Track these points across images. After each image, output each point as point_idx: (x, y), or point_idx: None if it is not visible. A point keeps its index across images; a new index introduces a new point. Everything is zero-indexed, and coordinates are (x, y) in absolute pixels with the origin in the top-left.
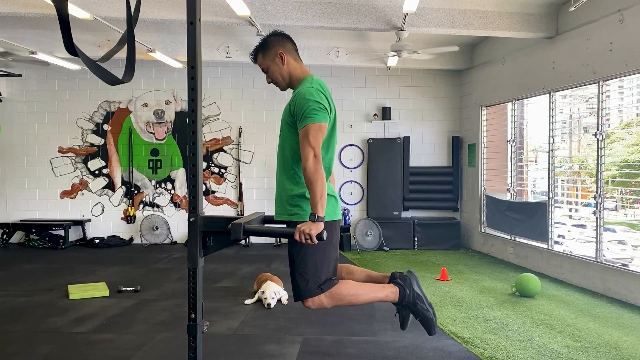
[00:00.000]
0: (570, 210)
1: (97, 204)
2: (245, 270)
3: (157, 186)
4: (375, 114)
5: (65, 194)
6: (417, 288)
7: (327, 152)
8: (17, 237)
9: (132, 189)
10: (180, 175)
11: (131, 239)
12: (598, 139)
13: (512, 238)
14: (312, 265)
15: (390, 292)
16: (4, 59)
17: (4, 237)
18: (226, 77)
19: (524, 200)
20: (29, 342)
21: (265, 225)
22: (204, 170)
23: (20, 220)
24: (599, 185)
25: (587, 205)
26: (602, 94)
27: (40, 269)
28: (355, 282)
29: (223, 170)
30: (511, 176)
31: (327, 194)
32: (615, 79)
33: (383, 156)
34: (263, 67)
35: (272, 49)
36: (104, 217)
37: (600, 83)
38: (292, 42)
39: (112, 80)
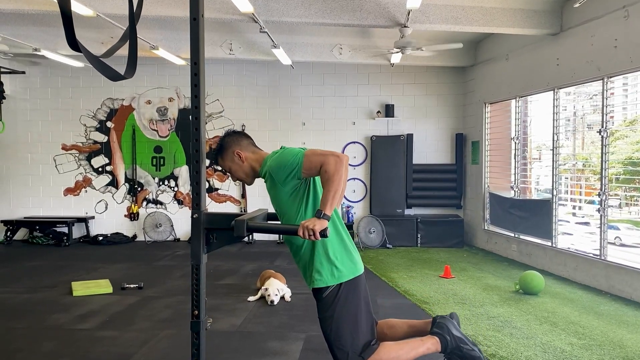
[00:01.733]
0: (574, 207)
1: (100, 201)
2: (248, 267)
3: (161, 183)
4: (378, 111)
5: (68, 191)
6: (456, 332)
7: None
8: (20, 234)
9: (136, 186)
10: (183, 172)
11: (134, 236)
12: (602, 137)
13: (516, 235)
14: (347, 335)
15: (430, 344)
16: (7, 56)
17: (8, 234)
18: (229, 74)
19: (528, 198)
20: (32, 339)
21: (269, 222)
22: (207, 167)
23: (24, 218)
24: (603, 182)
25: (591, 202)
26: (606, 90)
27: (43, 266)
28: (393, 343)
29: None
30: (515, 173)
31: (345, 247)
32: (620, 75)
33: (386, 153)
34: (225, 169)
35: (228, 150)
36: (107, 214)
37: (605, 80)
38: (247, 137)
39: (114, 76)
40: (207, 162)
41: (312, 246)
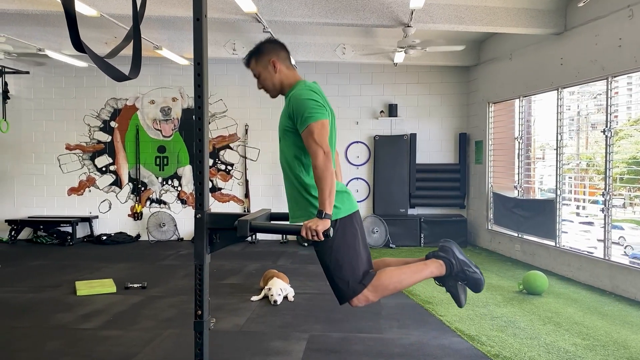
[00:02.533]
0: (577, 207)
1: (104, 201)
2: (251, 267)
3: (164, 183)
4: (381, 111)
5: (72, 190)
6: (460, 255)
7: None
8: (25, 233)
9: (139, 186)
10: (186, 172)
11: (138, 236)
12: (606, 136)
13: (519, 235)
14: (347, 265)
15: (434, 267)
16: (11, 56)
17: (12, 233)
18: (232, 74)
19: (531, 198)
20: (36, 338)
21: (272, 222)
22: (210, 167)
23: (28, 217)
24: (607, 182)
25: (595, 202)
26: (610, 90)
27: (47, 265)
28: (394, 268)
29: (229, 167)
30: (518, 173)
31: (338, 191)
32: (624, 75)
33: (389, 153)
34: (255, 73)
35: (265, 56)
36: (111, 213)
37: (609, 79)
38: (286, 51)
39: (118, 77)
40: (211, 162)
41: (310, 188)
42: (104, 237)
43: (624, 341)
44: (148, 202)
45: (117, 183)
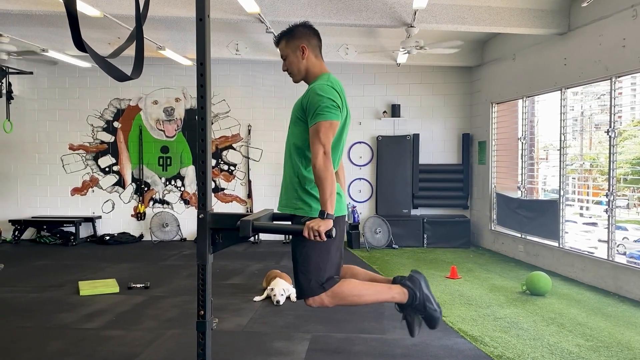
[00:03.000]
0: (581, 208)
1: (107, 201)
2: (254, 267)
3: (167, 183)
4: (384, 111)
5: (75, 190)
6: (425, 289)
7: (336, 151)
8: (28, 233)
9: (142, 186)
10: (189, 172)
11: (141, 236)
12: (610, 137)
13: (523, 236)
14: (314, 264)
15: (396, 293)
16: (16, 56)
17: (16, 233)
18: (235, 75)
19: (535, 198)
20: (39, 338)
21: (274, 222)
22: (213, 167)
23: (32, 217)
24: (610, 183)
25: (599, 203)
26: (614, 90)
27: (51, 265)
28: (359, 282)
29: (232, 168)
30: (522, 174)
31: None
32: (628, 75)
33: (392, 153)
34: (283, 54)
35: (296, 40)
36: (114, 214)
37: (613, 80)
38: (318, 39)
39: (120, 77)
40: (213, 162)
41: (305, 181)
42: (107, 237)
43: (627, 342)
44: (151, 203)
45: (120, 183)
